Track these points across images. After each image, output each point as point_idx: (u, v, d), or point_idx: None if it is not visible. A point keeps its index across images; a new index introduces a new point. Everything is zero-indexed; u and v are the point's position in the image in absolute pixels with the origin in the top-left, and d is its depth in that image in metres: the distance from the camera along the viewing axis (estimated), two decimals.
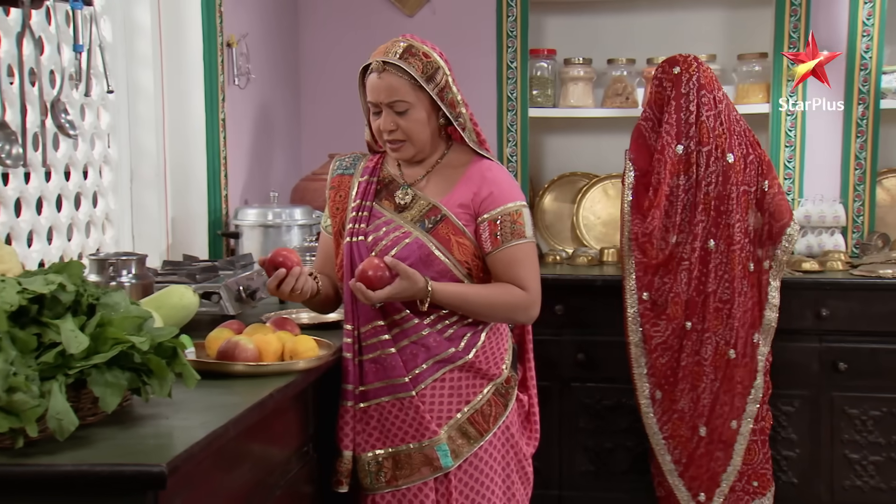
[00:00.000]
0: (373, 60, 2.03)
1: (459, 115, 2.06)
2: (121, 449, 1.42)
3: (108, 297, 1.58)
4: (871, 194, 3.61)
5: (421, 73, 2.00)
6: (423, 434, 2.03)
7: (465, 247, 2.04)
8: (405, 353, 2.05)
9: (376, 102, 2.03)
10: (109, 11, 2.83)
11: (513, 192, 2.08)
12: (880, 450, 3.27)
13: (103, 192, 2.85)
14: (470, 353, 2.06)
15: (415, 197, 2.09)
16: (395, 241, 2.05)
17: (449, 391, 2.06)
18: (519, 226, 2.05)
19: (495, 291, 2.05)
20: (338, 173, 2.19)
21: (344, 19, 3.93)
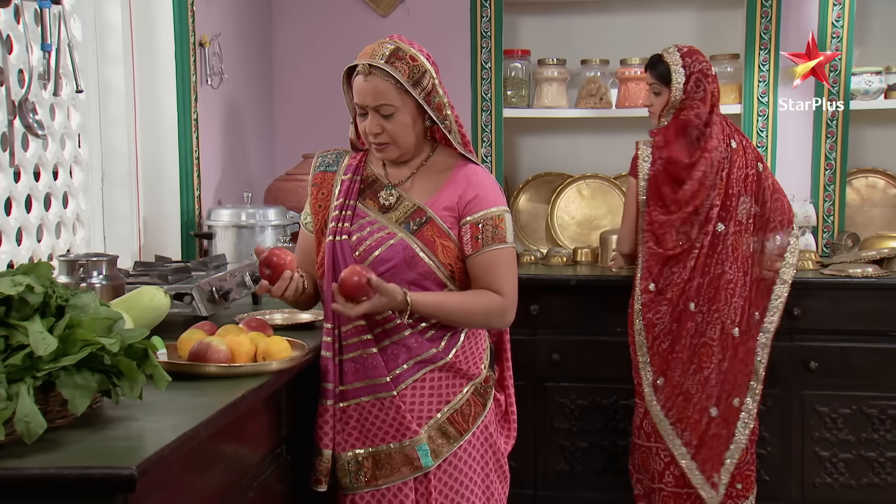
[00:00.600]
0: (359, 62, 2.01)
1: (446, 117, 2.05)
2: (90, 451, 1.40)
3: (78, 298, 1.56)
4: (840, 194, 3.65)
5: (408, 77, 1.99)
6: (404, 434, 2.03)
7: (449, 249, 2.04)
8: (386, 353, 2.05)
9: (362, 105, 2.03)
10: (80, 10, 2.80)
11: (497, 197, 2.09)
12: (850, 447, 3.31)
13: (74, 192, 2.82)
14: (450, 353, 2.07)
15: (400, 198, 2.08)
16: (380, 241, 2.04)
17: (429, 391, 2.06)
18: (500, 231, 2.05)
19: (473, 299, 2.05)
20: (320, 170, 2.18)
21: (318, 19, 3.92)
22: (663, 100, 3.09)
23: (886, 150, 3.84)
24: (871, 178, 3.85)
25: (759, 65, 3.63)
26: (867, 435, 3.30)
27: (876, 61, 3.67)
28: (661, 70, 3.08)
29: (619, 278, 3.44)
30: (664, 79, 3.07)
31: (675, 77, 3.03)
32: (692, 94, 3.03)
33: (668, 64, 3.05)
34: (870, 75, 3.61)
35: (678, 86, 3.03)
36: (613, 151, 3.96)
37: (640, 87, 3.76)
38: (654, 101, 3.13)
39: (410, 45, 2.04)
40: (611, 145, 3.97)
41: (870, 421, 3.29)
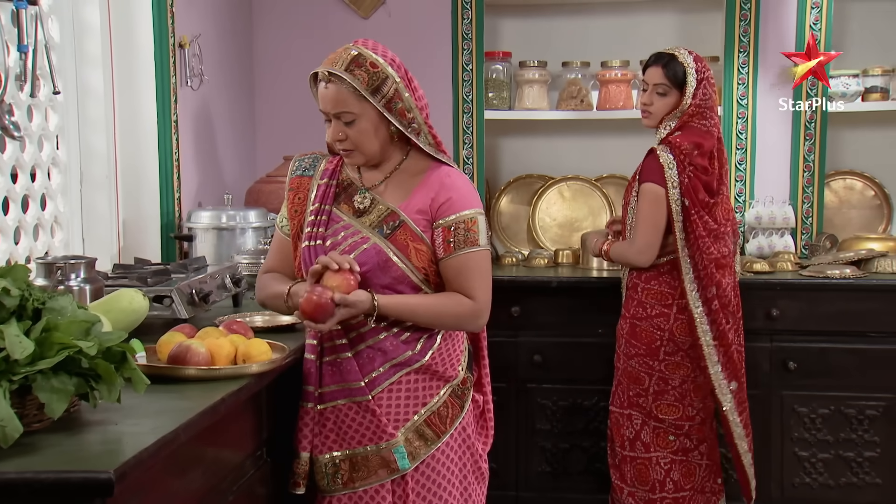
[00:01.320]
0: (320, 69, 2.02)
1: (412, 121, 2.04)
2: (67, 455, 1.39)
3: (55, 301, 1.55)
4: (819, 196, 3.68)
5: (366, 85, 1.98)
6: (381, 437, 2.03)
7: (422, 253, 2.04)
8: (362, 357, 2.04)
9: (324, 111, 2.03)
10: (57, 11, 2.78)
11: (470, 199, 2.07)
12: (829, 447, 3.33)
13: (52, 194, 2.80)
14: (426, 355, 2.07)
15: (373, 201, 2.08)
16: (353, 246, 2.04)
17: (406, 394, 2.06)
18: (473, 234, 2.04)
19: (442, 302, 2.04)
20: (297, 174, 2.18)
21: (298, 21, 3.91)
22: (669, 102, 2.92)
23: (864, 153, 3.87)
24: (849, 179, 3.88)
25: (739, 67, 3.65)
26: (845, 435, 3.32)
27: (853, 64, 3.71)
28: (675, 70, 2.90)
29: (601, 280, 3.46)
30: (678, 80, 2.89)
31: (690, 80, 2.87)
32: (703, 102, 2.89)
33: (684, 66, 2.89)
34: (847, 78, 3.65)
35: (691, 90, 2.87)
36: (594, 153, 3.98)
37: (621, 89, 3.78)
38: (657, 102, 2.93)
39: (374, 50, 2.02)
40: (592, 147, 3.98)
41: (848, 421, 3.32)
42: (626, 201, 3.03)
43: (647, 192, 2.88)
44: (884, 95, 3.70)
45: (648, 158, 2.91)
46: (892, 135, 3.85)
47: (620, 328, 3.02)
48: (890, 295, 3.27)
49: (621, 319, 3.03)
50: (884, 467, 3.32)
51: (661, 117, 2.95)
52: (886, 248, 3.49)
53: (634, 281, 2.99)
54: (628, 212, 3.01)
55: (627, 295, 3.03)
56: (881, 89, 3.70)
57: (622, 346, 3.01)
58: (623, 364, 3.00)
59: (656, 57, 2.96)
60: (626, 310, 3.01)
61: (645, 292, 2.95)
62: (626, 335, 2.99)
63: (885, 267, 3.36)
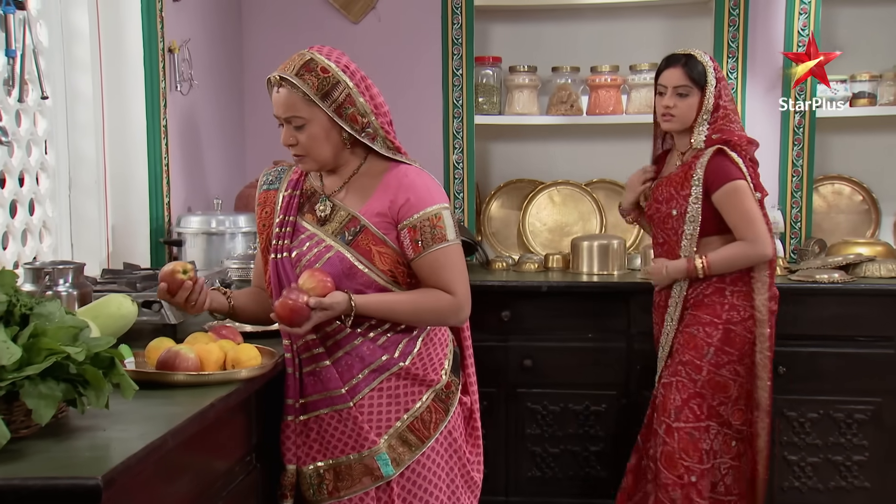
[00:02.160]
0: (272, 74, 2.02)
1: (367, 126, 2.03)
2: (55, 462, 1.38)
3: (43, 306, 1.54)
4: (807, 201, 3.70)
5: (315, 90, 1.98)
6: (363, 444, 2.02)
7: (386, 255, 2.03)
8: (340, 365, 2.04)
9: (276, 116, 2.04)
10: (46, 16, 2.77)
11: (431, 195, 2.05)
12: (818, 451, 3.34)
13: (40, 199, 2.79)
14: (406, 359, 2.06)
15: (334, 208, 2.07)
16: (318, 255, 2.04)
17: (387, 399, 2.05)
18: (439, 230, 2.03)
19: (421, 298, 2.03)
20: (264, 189, 2.19)
21: (289, 26, 3.91)
22: (692, 103, 2.84)
23: (852, 158, 3.89)
24: (838, 184, 3.90)
25: (727, 73, 3.66)
26: (834, 439, 3.33)
27: (841, 70, 3.72)
28: (697, 70, 2.84)
29: (591, 284, 3.47)
30: (700, 80, 2.83)
31: (711, 80, 2.82)
32: (728, 105, 2.85)
33: (703, 64, 2.84)
34: (835, 83, 3.67)
35: (712, 89, 2.82)
36: (584, 158, 3.99)
37: (611, 93, 3.79)
38: (680, 104, 2.85)
39: (328, 56, 2.02)
40: (582, 152, 3.99)
41: (837, 425, 3.33)
42: (678, 210, 2.85)
43: (738, 189, 2.79)
44: (871, 101, 3.72)
45: (719, 159, 2.81)
46: (880, 140, 3.87)
47: (707, 337, 2.84)
48: (878, 299, 3.29)
49: (707, 327, 2.84)
50: (872, 471, 3.33)
51: (687, 120, 2.86)
52: (874, 253, 3.51)
53: (718, 286, 2.84)
54: (686, 219, 2.84)
55: (710, 301, 2.85)
56: (869, 95, 3.72)
57: (710, 355, 2.83)
58: (709, 375, 2.84)
59: (671, 58, 2.90)
60: (715, 317, 2.84)
61: (735, 295, 2.84)
62: (719, 342, 2.83)
63: (872, 271, 3.38)
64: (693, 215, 2.83)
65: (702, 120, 2.84)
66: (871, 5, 3.81)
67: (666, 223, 2.91)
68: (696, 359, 2.85)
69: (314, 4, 3.90)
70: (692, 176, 2.83)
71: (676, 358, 2.89)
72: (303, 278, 1.95)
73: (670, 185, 2.90)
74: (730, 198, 2.79)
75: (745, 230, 2.81)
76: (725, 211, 2.81)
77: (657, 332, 3.04)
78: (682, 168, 2.88)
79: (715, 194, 2.80)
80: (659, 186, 2.96)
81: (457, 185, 3.76)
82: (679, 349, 2.89)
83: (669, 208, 2.89)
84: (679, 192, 2.86)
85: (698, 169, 2.82)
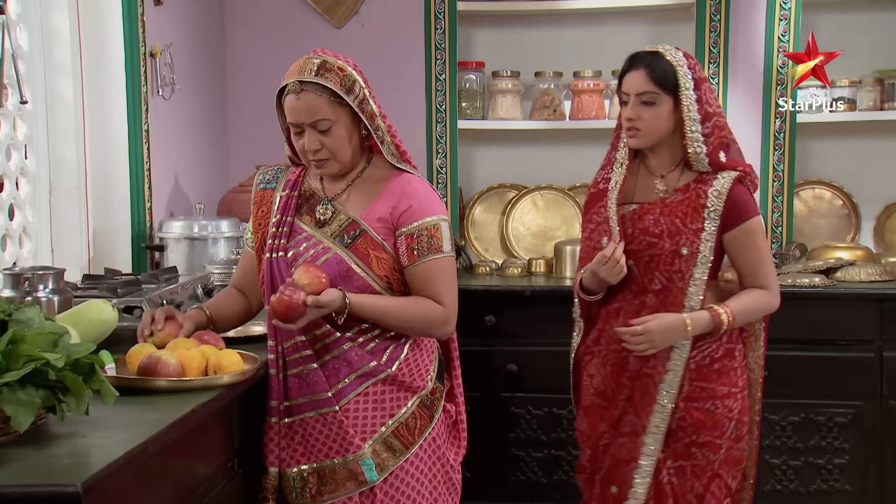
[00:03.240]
0: (288, 81, 2.01)
1: (378, 127, 2.05)
2: (34, 469, 1.37)
3: (22, 312, 1.53)
4: (788, 205, 3.72)
5: (340, 86, 1.99)
6: (347, 449, 2.02)
7: (383, 261, 2.04)
8: (328, 368, 2.04)
9: (297, 123, 2.01)
10: (26, 19, 2.75)
11: (432, 206, 2.07)
12: (799, 455, 3.36)
13: (20, 204, 2.77)
14: (392, 366, 2.06)
15: (335, 212, 2.08)
16: (315, 256, 2.04)
17: (373, 405, 2.05)
18: (436, 240, 2.05)
19: (413, 305, 2.04)
20: (260, 188, 2.19)
21: (271, 30, 3.90)
22: (660, 113, 2.31)
23: (832, 162, 3.92)
24: (818, 189, 3.93)
25: (709, 78, 3.68)
26: (815, 442, 3.35)
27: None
28: (662, 70, 2.30)
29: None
30: (669, 82, 2.29)
31: (684, 81, 2.29)
32: (718, 111, 2.36)
33: (674, 63, 2.31)
34: (815, 89, 3.70)
35: (689, 93, 2.29)
36: (567, 163, 4.00)
37: (594, 98, 3.81)
38: (645, 114, 2.31)
39: (336, 57, 2.04)
40: (565, 157, 4.00)
41: (818, 428, 3.35)
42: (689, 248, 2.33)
43: (759, 228, 2.37)
44: (851, 106, 3.75)
45: (741, 189, 2.35)
46: (860, 145, 3.90)
47: (728, 411, 2.38)
48: (858, 303, 3.31)
49: (727, 400, 2.37)
50: (853, 474, 3.35)
51: (655, 134, 2.34)
52: (854, 257, 3.53)
53: (728, 346, 2.40)
54: (697, 260, 2.33)
55: (723, 367, 2.38)
56: (848, 100, 3.75)
57: (731, 431, 2.39)
58: (728, 451, 2.40)
59: (634, 58, 2.37)
60: (732, 385, 2.39)
61: (741, 354, 2.45)
62: (739, 414, 2.40)
63: (853, 276, 3.40)
64: (705, 255, 2.33)
65: (692, 133, 2.32)
66: (851, 11, 3.85)
67: (668, 263, 2.35)
68: (716, 438, 2.37)
69: (297, 9, 3.90)
70: (704, 206, 2.32)
71: (683, 439, 2.37)
72: (298, 273, 1.95)
73: (672, 214, 2.35)
74: (750, 238, 2.35)
75: (764, 276, 2.38)
76: (739, 252, 2.36)
77: (618, 411, 2.43)
78: (682, 194, 2.36)
79: (731, 232, 2.34)
80: (646, 214, 2.38)
81: (440, 189, 3.76)
82: (687, 429, 2.37)
83: (676, 245, 2.34)
84: (687, 224, 2.34)
85: (713, 198, 2.32)
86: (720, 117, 2.37)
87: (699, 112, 2.32)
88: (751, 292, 2.39)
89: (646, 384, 2.37)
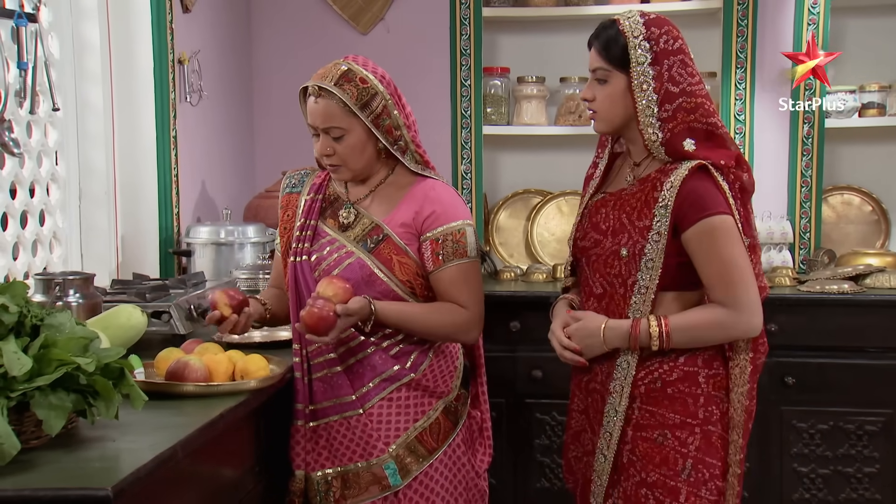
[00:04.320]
0: (310, 84, 2.03)
1: (399, 139, 2.05)
2: (65, 472, 1.39)
3: (53, 317, 1.55)
4: (816, 211, 3.69)
5: (355, 100, 1.99)
6: (371, 453, 2.02)
7: (406, 266, 2.04)
8: (352, 372, 2.05)
9: (313, 126, 2.04)
10: (57, 28, 2.79)
11: (457, 211, 2.08)
12: (828, 463, 3.32)
13: (51, 210, 2.80)
14: (417, 371, 2.07)
15: (358, 216, 2.09)
16: (338, 261, 2.05)
17: (397, 409, 2.05)
18: (461, 245, 2.05)
19: (437, 311, 2.05)
20: (287, 191, 2.21)
21: (297, 36, 3.93)
22: (611, 93, 1.99)
23: (861, 168, 3.88)
24: (847, 195, 3.89)
25: (736, 83, 3.66)
26: (844, 451, 3.31)
27: (850, 80, 3.72)
28: (612, 42, 1.99)
29: None
30: (617, 58, 1.98)
31: (637, 54, 1.95)
32: (692, 89, 1.98)
33: (625, 33, 1.97)
34: (844, 94, 3.66)
35: (643, 69, 1.95)
36: None
37: None
38: (599, 94, 2.01)
39: (364, 66, 2.04)
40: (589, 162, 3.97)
41: (847, 436, 3.31)
42: (630, 249, 1.98)
43: (721, 228, 1.93)
44: (881, 111, 3.71)
45: (700, 180, 1.94)
46: (889, 150, 3.85)
47: (681, 445, 2.01)
48: (888, 310, 3.27)
49: (680, 431, 2.01)
50: (883, 483, 3.31)
51: (611, 117, 2.01)
52: (884, 264, 3.49)
53: (688, 369, 2.02)
54: (641, 264, 1.96)
55: (676, 392, 2.02)
56: (878, 105, 3.71)
57: (687, 472, 2.00)
58: (688, 499, 2.01)
59: (596, 29, 2.06)
60: (688, 416, 2.01)
61: (712, 382, 2.05)
62: (698, 452, 2.01)
63: (882, 282, 3.36)
64: (652, 259, 1.95)
65: (644, 117, 1.96)
66: (881, 15, 3.81)
67: (609, 266, 2.02)
68: (668, 478, 1.99)
69: (323, 15, 3.92)
70: (656, 199, 1.95)
71: (633, 476, 2.02)
72: (321, 286, 1.96)
73: (620, 208, 2.02)
74: (709, 240, 1.93)
75: (727, 290, 1.94)
76: (699, 258, 1.94)
77: (577, 423, 2.19)
78: (639, 186, 2.01)
79: (687, 231, 1.94)
80: (601, 207, 2.08)
81: (465, 195, 3.76)
82: (636, 463, 2.01)
83: (617, 244, 2.00)
84: (634, 221, 1.98)
85: (666, 190, 1.93)
86: (691, 97, 1.97)
87: (656, 91, 1.94)
88: (706, 308, 1.98)
89: (595, 400, 2.09)
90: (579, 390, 2.18)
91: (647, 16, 2.01)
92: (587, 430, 2.14)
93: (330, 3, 3.89)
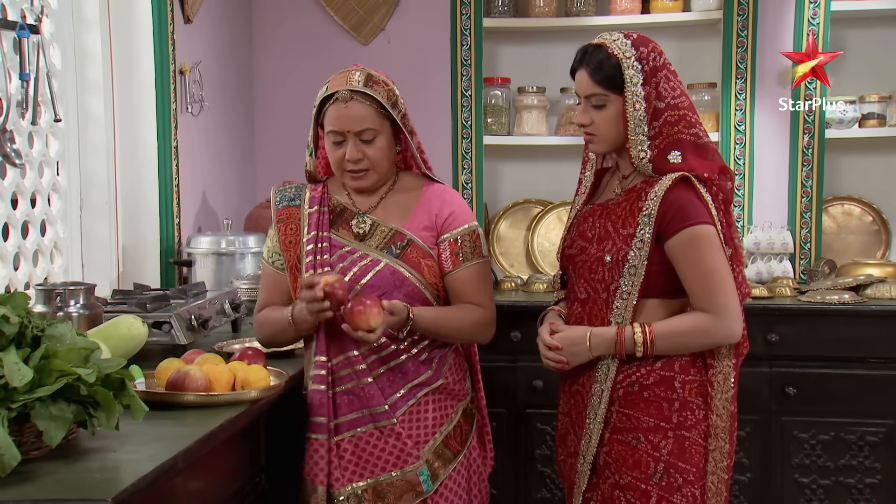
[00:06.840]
0: (338, 89, 2.02)
1: (417, 143, 2.12)
2: (65, 484, 1.39)
3: (54, 328, 1.55)
4: (817, 221, 3.69)
5: (387, 99, 2.03)
6: (406, 461, 2.02)
7: (432, 269, 2.08)
8: (382, 381, 2.05)
9: (342, 131, 2.03)
10: (59, 39, 2.80)
11: (469, 213, 2.15)
12: (829, 473, 3.31)
13: (52, 220, 2.81)
14: (441, 374, 2.09)
15: (374, 224, 2.09)
16: (365, 269, 2.05)
17: (425, 414, 2.07)
18: (477, 245, 2.11)
19: (462, 312, 2.08)
20: (283, 205, 2.18)
21: (298, 47, 3.94)
22: (611, 115, 2.04)
23: (861, 178, 3.88)
24: (847, 205, 3.89)
25: (736, 93, 3.67)
26: (846, 461, 3.31)
27: (850, 91, 3.73)
28: (606, 66, 2.03)
29: None
30: (613, 81, 2.03)
31: (631, 75, 2.01)
32: (676, 101, 2.05)
33: (618, 56, 2.02)
34: (844, 104, 3.67)
35: (636, 90, 2.01)
36: None
37: None
38: (598, 119, 2.06)
39: (377, 72, 2.08)
40: None
41: (848, 447, 3.30)
42: (613, 256, 2.04)
43: (703, 238, 2.00)
44: (881, 122, 3.72)
45: (682, 191, 2.01)
46: (889, 160, 3.86)
47: (654, 449, 2.04)
48: (889, 321, 3.26)
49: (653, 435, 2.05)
50: (885, 494, 3.30)
51: (613, 138, 2.07)
52: (885, 274, 3.49)
53: (664, 373, 2.06)
54: (624, 271, 2.02)
55: (652, 395, 2.05)
56: (878, 116, 3.72)
57: (659, 476, 2.04)
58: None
59: (580, 54, 2.09)
60: (662, 420, 2.04)
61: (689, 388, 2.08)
62: (670, 457, 2.04)
63: (883, 293, 3.36)
64: (635, 266, 2.01)
65: (634, 136, 2.02)
66: (881, 26, 3.82)
67: (594, 272, 2.08)
68: (640, 481, 2.02)
69: (324, 26, 3.93)
70: (640, 209, 2.02)
71: (609, 478, 2.06)
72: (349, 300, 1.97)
73: (606, 217, 2.09)
74: (691, 249, 2.00)
75: (708, 297, 2.00)
76: (682, 266, 2.01)
77: (562, 425, 2.22)
78: (625, 196, 2.08)
79: (670, 241, 2.00)
80: (589, 216, 2.15)
81: None
82: (611, 465, 2.06)
83: (602, 251, 2.06)
84: (619, 229, 2.05)
85: (650, 201, 2.00)
86: (675, 110, 2.04)
87: (646, 111, 2.02)
88: (689, 315, 2.03)
89: (577, 402, 2.13)
90: (564, 394, 2.22)
91: (631, 35, 2.07)
92: (570, 432, 2.18)
93: (331, 13, 3.91)
